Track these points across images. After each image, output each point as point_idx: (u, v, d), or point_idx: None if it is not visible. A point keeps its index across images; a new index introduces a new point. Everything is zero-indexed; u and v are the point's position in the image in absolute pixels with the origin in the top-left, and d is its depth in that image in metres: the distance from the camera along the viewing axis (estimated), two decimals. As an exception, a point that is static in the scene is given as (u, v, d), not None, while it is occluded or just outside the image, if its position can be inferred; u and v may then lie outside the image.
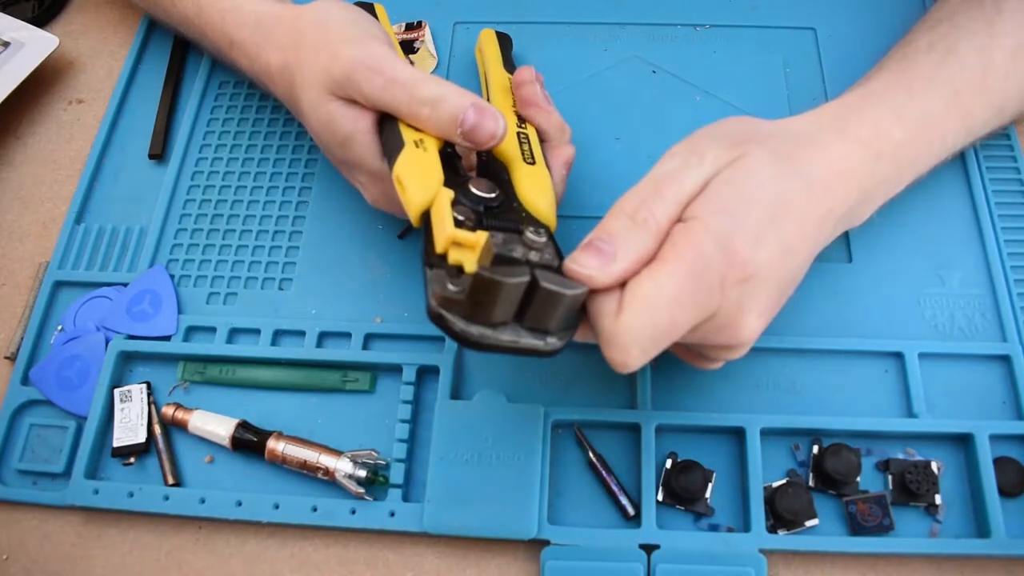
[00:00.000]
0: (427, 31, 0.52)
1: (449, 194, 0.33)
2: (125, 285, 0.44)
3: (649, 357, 0.30)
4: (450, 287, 0.29)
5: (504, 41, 0.48)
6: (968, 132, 0.39)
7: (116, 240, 0.46)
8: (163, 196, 0.47)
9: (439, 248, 0.31)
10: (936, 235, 0.43)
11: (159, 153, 0.49)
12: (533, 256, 0.31)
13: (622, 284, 0.30)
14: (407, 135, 0.35)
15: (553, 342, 0.30)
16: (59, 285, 0.45)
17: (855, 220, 0.36)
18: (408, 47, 0.51)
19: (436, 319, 0.29)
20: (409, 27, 0.52)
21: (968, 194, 0.44)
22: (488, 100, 0.42)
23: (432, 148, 0.35)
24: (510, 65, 0.46)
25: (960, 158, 0.45)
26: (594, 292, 0.30)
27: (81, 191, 0.48)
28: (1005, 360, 0.40)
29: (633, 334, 0.29)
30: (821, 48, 0.50)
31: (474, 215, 0.33)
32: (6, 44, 0.51)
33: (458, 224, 0.31)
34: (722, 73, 0.49)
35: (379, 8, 0.49)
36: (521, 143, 0.38)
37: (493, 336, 0.29)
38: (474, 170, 0.38)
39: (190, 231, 0.46)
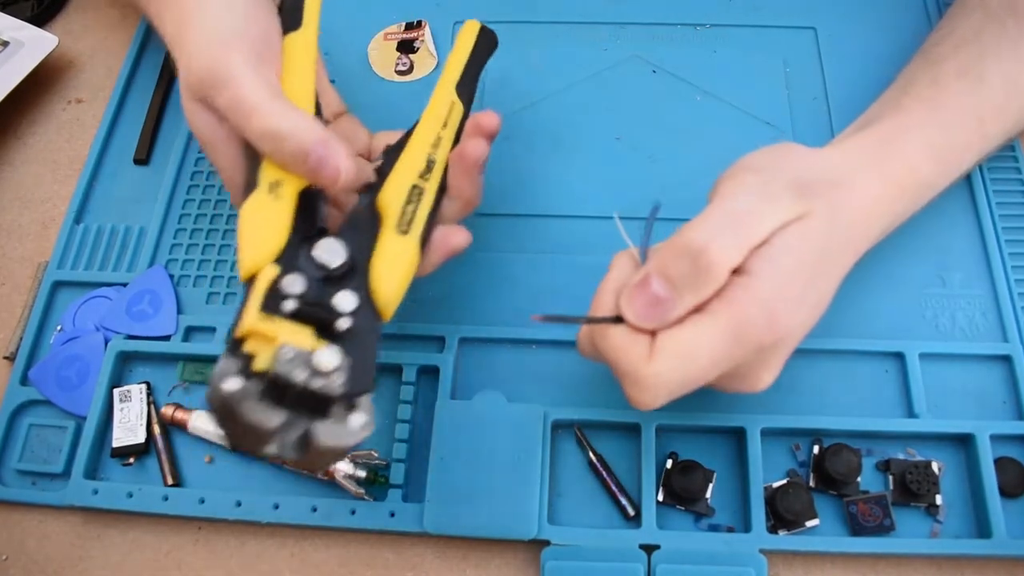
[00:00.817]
0: (427, 31, 0.52)
1: (272, 273, 0.30)
2: (124, 285, 0.44)
3: (672, 400, 0.31)
4: (228, 385, 0.27)
5: (484, 42, 0.41)
6: (983, 155, 0.40)
7: (115, 240, 0.46)
8: (162, 196, 0.47)
9: (237, 332, 0.29)
10: (937, 236, 0.43)
11: (144, 159, 0.49)
12: (316, 383, 0.28)
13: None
14: (266, 173, 0.33)
15: (320, 466, 0.31)
16: (58, 285, 0.45)
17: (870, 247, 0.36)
18: (408, 46, 0.51)
19: (211, 412, 0.28)
20: (409, 26, 0.52)
21: (969, 195, 0.44)
22: (416, 126, 0.37)
23: (289, 193, 0.32)
24: (470, 77, 0.39)
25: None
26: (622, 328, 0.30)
27: (80, 191, 0.48)
28: (1006, 360, 0.40)
29: (665, 381, 0.30)
30: (821, 48, 0.50)
31: (304, 289, 0.30)
32: (5, 43, 0.51)
33: (277, 301, 0.29)
34: (722, 73, 0.49)
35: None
36: (408, 201, 0.34)
37: (251, 450, 0.29)
38: (346, 219, 0.34)
39: (189, 231, 0.46)
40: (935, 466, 0.37)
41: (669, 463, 0.38)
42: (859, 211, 0.33)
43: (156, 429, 0.40)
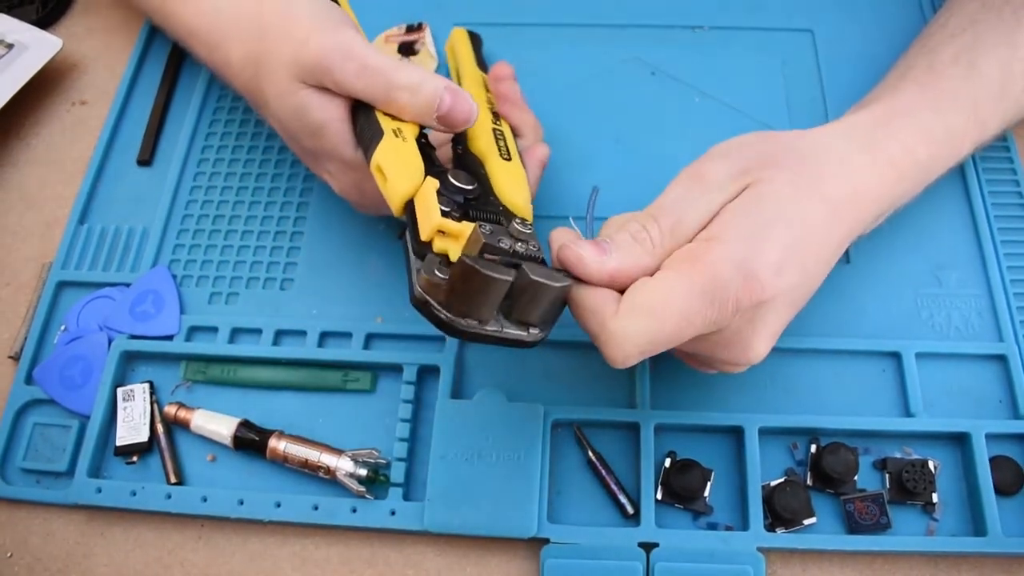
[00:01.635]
0: (427, 33, 0.52)
1: (434, 183, 0.33)
2: (128, 285, 0.45)
3: (645, 356, 0.30)
4: (437, 274, 0.29)
5: (475, 40, 0.48)
6: (980, 143, 0.40)
7: (119, 241, 0.46)
8: (165, 197, 0.47)
9: (424, 235, 0.31)
10: (933, 236, 0.44)
11: (147, 159, 0.49)
12: (520, 247, 0.31)
13: (619, 291, 0.31)
14: (385, 124, 0.35)
15: (536, 333, 0.31)
16: (62, 285, 0.46)
17: (865, 231, 0.37)
18: (408, 48, 0.52)
19: (421, 305, 0.29)
20: (410, 29, 0.52)
21: (965, 195, 0.45)
22: (463, 84, 0.43)
23: (411, 137, 0.35)
24: (482, 63, 0.46)
25: (957, 159, 0.46)
26: (587, 287, 0.31)
27: (84, 192, 0.48)
28: (1001, 360, 0.40)
29: (631, 336, 0.30)
30: (819, 50, 0.50)
31: (455, 206, 0.33)
32: (10, 46, 0.51)
33: (443, 214, 0.31)
34: (721, 74, 0.49)
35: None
36: (497, 139, 0.38)
37: (478, 326, 0.29)
38: (450, 163, 0.38)
39: (192, 232, 0.46)
40: (931, 465, 0.37)
41: (668, 462, 0.38)
42: (852, 190, 0.34)
43: (159, 428, 0.41)
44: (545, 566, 0.36)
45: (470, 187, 0.34)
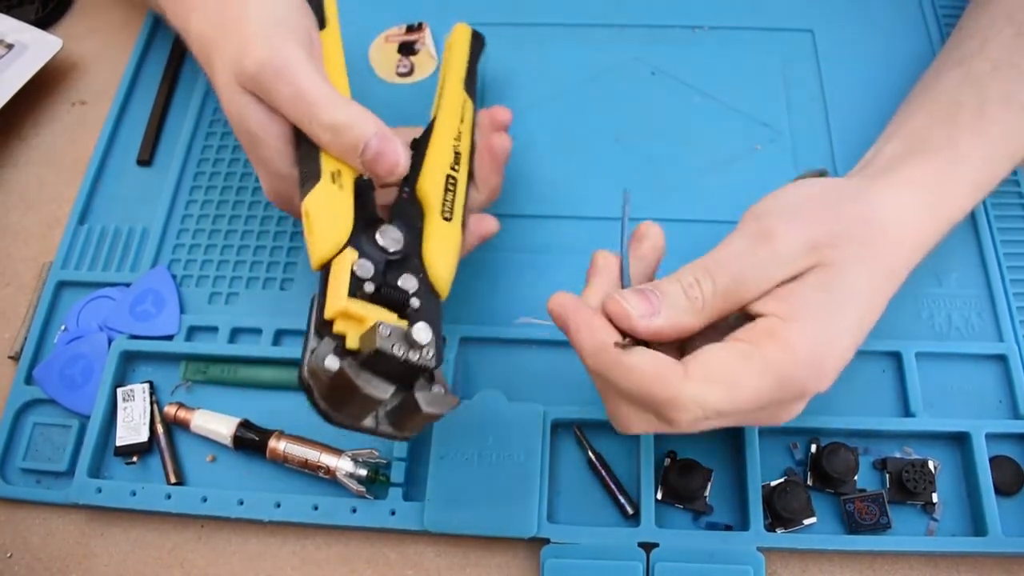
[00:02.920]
0: (427, 33, 0.52)
1: (352, 256, 0.32)
2: (128, 285, 0.45)
3: (709, 427, 0.30)
4: (325, 366, 0.29)
5: (476, 43, 0.45)
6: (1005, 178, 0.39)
7: (119, 241, 0.46)
8: (165, 197, 0.47)
9: (328, 314, 0.30)
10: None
11: (148, 159, 0.49)
12: (413, 357, 0.29)
13: (679, 353, 0.30)
14: (326, 164, 0.34)
15: (409, 435, 0.31)
16: (62, 285, 0.46)
17: None
18: (409, 48, 0.52)
19: (303, 387, 0.30)
20: (410, 28, 0.52)
21: (965, 195, 0.45)
22: (433, 118, 0.39)
23: (348, 183, 0.34)
24: (472, 74, 0.43)
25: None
26: (648, 354, 0.30)
27: (84, 192, 0.48)
28: (1001, 360, 0.40)
29: (706, 405, 0.29)
30: (819, 50, 0.50)
31: (374, 272, 0.32)
32: (10, 46, 0.51)
33: (356, 286, 0.31)
34: (721, 74, 0.49)
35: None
36: (447, 190, 0.36)
37: (352, 423, 0.30)
38: (388, 207, 0.36)
39: (192, 231, 0.46)
40: (931, 464, 0.37)
41: (668, 462, 0.38)
42: (910, 251, 0.33)
43: (159, 428, 0.41)
44: (545, 566, 0.36)
45: (394, 250, 0.33)
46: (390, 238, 0.34)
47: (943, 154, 0.36)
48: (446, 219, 0.35)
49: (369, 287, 0.32)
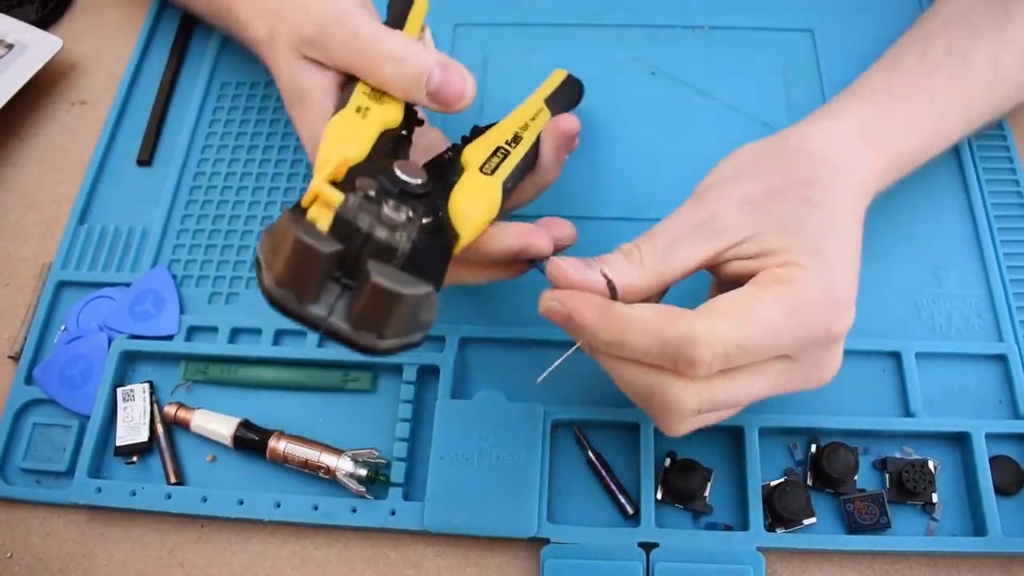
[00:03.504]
0: (427, 33, 0.52)
1: (349, 155, 0.29)
2: (128, 285, 0.45)
3: (731, 364, 0.29)
4: (283, 219, 0.25)
5: (568, 86, 0.43)
6: (966, 134, 0.40)
7: (119, 241, 0.46)
8: (165, 197, 0.47)
9: (304, 199, 0.27)
10: (933, 236, 0.44)
11: (147, 160, 0.49)
12: (380, 233, 0.26)
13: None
14: (355, 99, 0.32)
15: (370, 338, 0.25)
16: (62, 285, 0.46)
17: None
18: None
19: (255, 264, 0.26)
20: (410, 29, 0.52)
21: (964, 195, 0.45)
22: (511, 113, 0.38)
23: (375, 120, 0.32)
24: (556, 102, 0.40)
25: (956, 158, 0.46)
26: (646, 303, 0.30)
27: (84, 192, 0.48)
28: (1001, 359, 0.40)
29: (723, 336, 0.28)
30: (819, 50, 0.50)
31: (387, 193, 0.29)
32: (10, 46, 0.51)
33: (350, 191, 0.27)
34: (721, 74, 0.49)
35: None
36: (494, 153, 0.33)
37: (295, 303, 0.25)
38: (429, 162, 0.34)
39: (192, 231, 0.46)
40: (931, 464, 0.37)
41: (668, 462, 0.38)
42: (861, 187, 0.34)
43: (159, 428, 0.41)
44: (545, 566, 0.36)
45: (414, 181, 0.30)
46: (411, 170, 0.30)
47: (877, 96, 0.37)
48: (485, 173, 0.32)
49: (363, 190, 0.28)
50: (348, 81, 0.35)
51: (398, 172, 0.30)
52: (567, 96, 0.43)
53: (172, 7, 0.55)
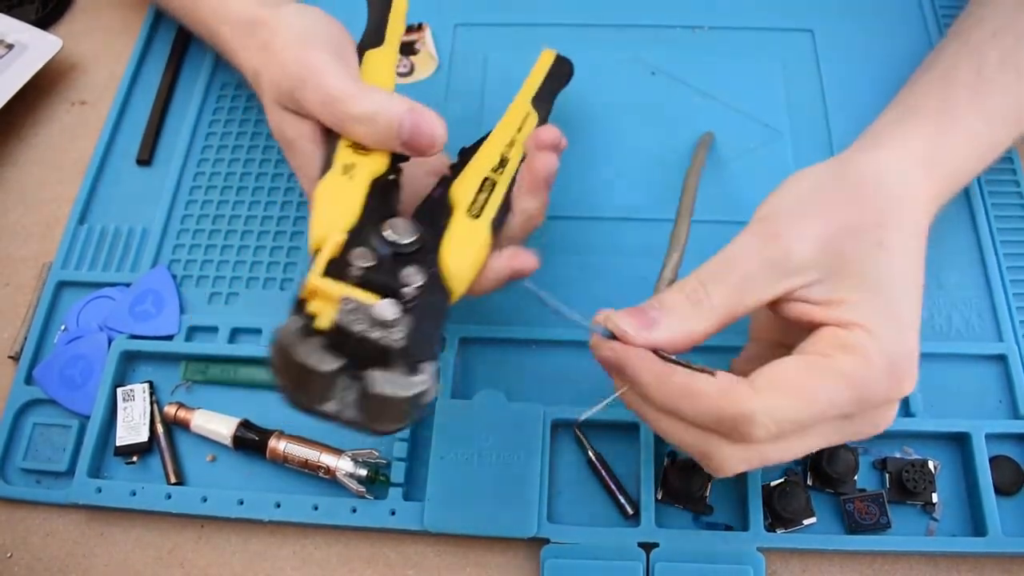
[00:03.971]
0: (427, 33, 0.52)
1: (338, 241, 0.30)
2: (128, 285, 0.45)
3: (782, 438, 0.28)
4: (284, 332, 0.27)
5: (558, 67, 0.43)
6: (1014, 143, 0.39)
7: (119, 241, 0.46)
8: (165, 197, 0.47)
9: (301, 293, 0.29)
10: (933, 236, 0.43)
11: (147, 159, 0.49)
12: (375, 334, 0.27)
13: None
14: (340, 157, 0.33)
15: (380, 426, 0.28)
16: (62, 285, 0.46)
17: None
18: (409, 49, 0.52)
19: (271, 368, 0.28)
20: (410, 29, 0.52)
21: (965, 195, 0.45)
22: (490, 131, 0.38)
23: (363, 176, 0.33)
24: (545, 94, 0.41)
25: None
26: (706, 376, 0.28)
27: (84, 192, 0.48)
28: (1001, 360, 0.40)
29: (778, 415, 0.27)
30: (819, 50, 0.50)
31: (375, 262, 0.30)
32: (10, 46, 0.51)
33: (344, 269, 0.29)
34: (721, 75, 0.49)
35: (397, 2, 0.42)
36: (480, 190, 0.34)
37: (309, 405, 0.28)
38: (419, 206, 0.35)
39: (192, 231, 0.46)
40: (931, 464, 0.37)
41: (668, 462, 0.38)
42: (920, 210, 0.32)
43: (159, 428, 0.41)
44: (545, 566, 0.36)
45: (407, 240, 0.31)
46: (400, 230, 0.32)
47: (936, 117, 0.36)
48: (473, 216, 0.33)
49: (357, 272, 0.30)
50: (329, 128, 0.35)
51: (388, 235, 0.31)
52: (557, 79, 0.43)
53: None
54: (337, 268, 0.30)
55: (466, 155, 0.37)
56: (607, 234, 0.45)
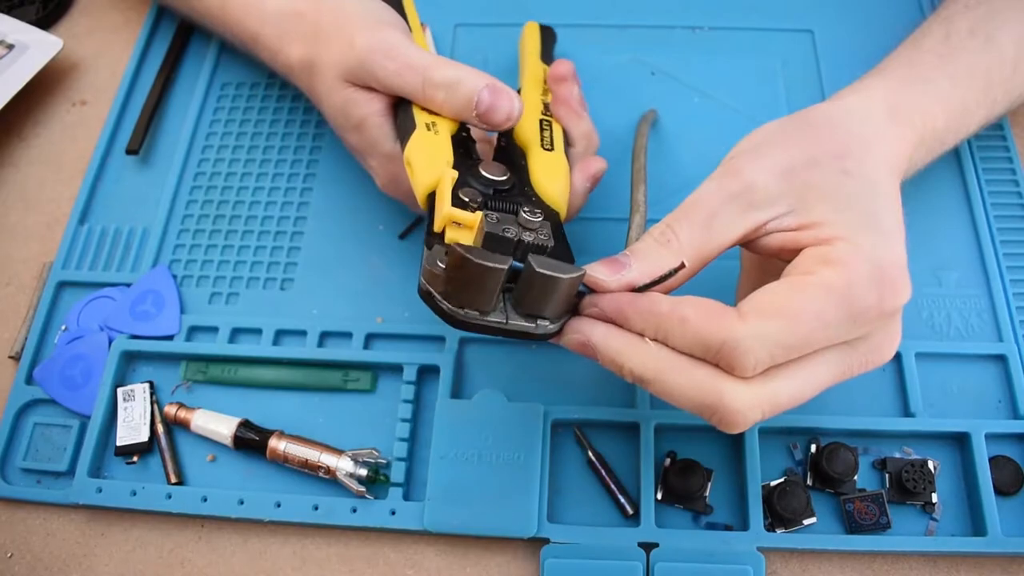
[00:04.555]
0: (428, 34, 0.52)
1: (453, 174, 0.32)
2: (128, 285, 0.45)
3: (775, 362, 0.28)
4: (438, 264, 0.29)
5: (547, 34, 0.48)
6: (988, 120, 0.40)
7: (119, 241, 0.46)
8: (166, 197, 0.47)
9: (436, 226, 0.31)
10: (933, 236, 0.44)
11: (136, 149, 0.49)
12: (527, 237, 0.30)
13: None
14: (419, 118, 0.35)
15: (546, 325, 0.29)
16: (63, 285, 0.46)
17: None
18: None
19: (424, 296, 0.29)
20: (410, 29, 0.53)
21: (965, 195, 0.45)
22: (519, 90, 0.42)
23: (444, 131, 0.35)
24: (548, 57, 0.45)
25: (956, 158, 0.46)
26: (695, 299, 0.28)
27: (84, 192, 0.48)
28: (1001, 360, 0.40)
29: (766, 339, 0.27)
30: (819, 50, 0.50)
31: (483, 198, 0.32)
32: (10, 47, 0.51)
33: (463, 205, 0.31)
34: (720, 75, 0.49)
35: None
36: (542, 129, 0.38)
37: (479, 317, 0.29)
38: (491, 155, 0.38)
39: (192, 232, 0.46)
40: (931, 465, 0.37)
41: (668, 462, 0.38)
42: (892, 161, 0.33)
43: (159, 428, 0.41)
44: (545, 566, 0.36)
45: (502, 178, 0.34)
46: (495, 169, 0.34)
47: (901, 73, 0.37)
48: (547, 149, 0.37)
49: (478, 201, 0.31)
50: (399, 101, 0.37)
51: (485, 174, 0.34)
52: (548, 46, 0.46)
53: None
54: (457, 201, 0.31)
55: None
56: (608, 234, 0.45)
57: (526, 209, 0.31)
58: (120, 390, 0.42)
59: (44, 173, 0.51)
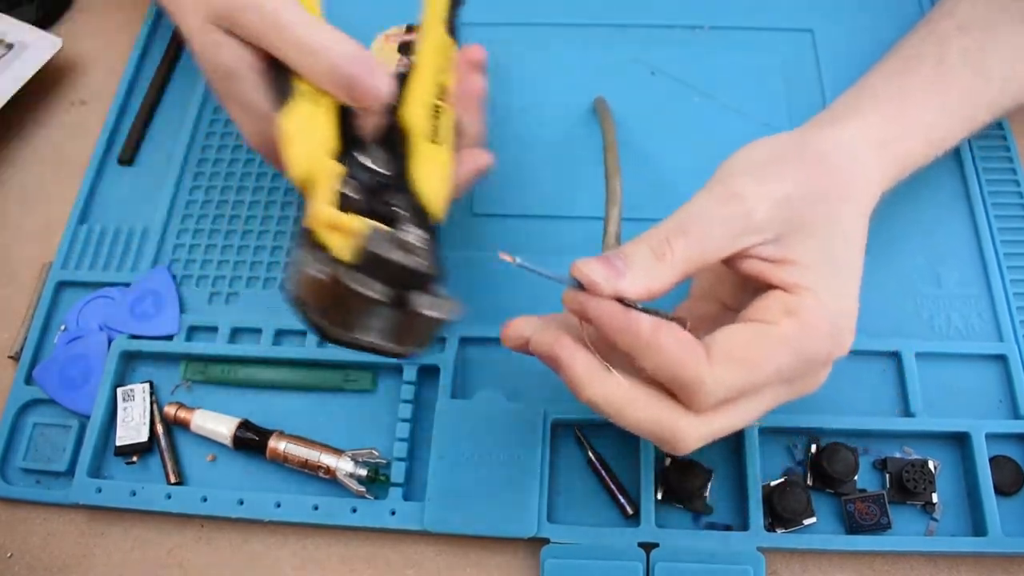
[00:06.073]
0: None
1: (335, 170, 0.30)
2: (128, 285, 0.45)
3: (721, 402, 0.29)
4: (316, 275, 0.27)
5: None
6: (970, 135, 0.40)
7: (119, 240, 0.46)
8: (165, 196, 0.47)
9: (312, 224, 0.29)
10: (933, 236, 0.44)
11: (129, 159, 0.49)
12: (407, 260, 0.28)
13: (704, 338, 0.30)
14: (299, 82, 0.32)
15: (412, 349, 0.30)
16: (62, 285, 0.46)
17: None
18: (409, 48, 0.52)
19: (296, 304, 0.28)
20: (410, 28, 0.52)
21: (965, 195, 0.45)
22: (417, 58, 0.37)
23: (329, 103, 0.32)
24: (452, 26, 0.40)
25: (956, 158, 0.46)
26: (675, 331, 0.29)
27: (84, 192, 0.48)
28: (1001, 360, 0.40)
29: (725, 386, 0.28)
30: (819, 50, 0.50)
31: (362, 194, 0.30)
32: (9, 46, 0.51)
33: (342, 198, 0.29)
34: (721, 75, 0.49)
35: None
36: (434, 116, 0.35)
37: (349, 336, 0.28)
38: (374, 133, 0.34)
39: (192, 231, 0.46)
40: (931, 464, 0.37)
41: (668, 462, 0.38)
42: (868, 194, 0.34)
43: (159, 428, 0.41)
44: (545, 566, 0.36)
45: (384, 172, 0.32)
46: (377, 157, 0.32)
47: (893, 103, 0.37)
48: (434, 142, 0.34)
49: (357, 202, 0.30)
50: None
51: (368, 163, 0.31)
52: (454, 12, 0.41)
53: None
54: (335, 197, 0.30)
55: (401, 80, 0.36)
56: (585, 231, 0.44)
57: (406, 227, 0.29)
58: (120, 390, 0.42)
59: (44, 173, 0.51)
